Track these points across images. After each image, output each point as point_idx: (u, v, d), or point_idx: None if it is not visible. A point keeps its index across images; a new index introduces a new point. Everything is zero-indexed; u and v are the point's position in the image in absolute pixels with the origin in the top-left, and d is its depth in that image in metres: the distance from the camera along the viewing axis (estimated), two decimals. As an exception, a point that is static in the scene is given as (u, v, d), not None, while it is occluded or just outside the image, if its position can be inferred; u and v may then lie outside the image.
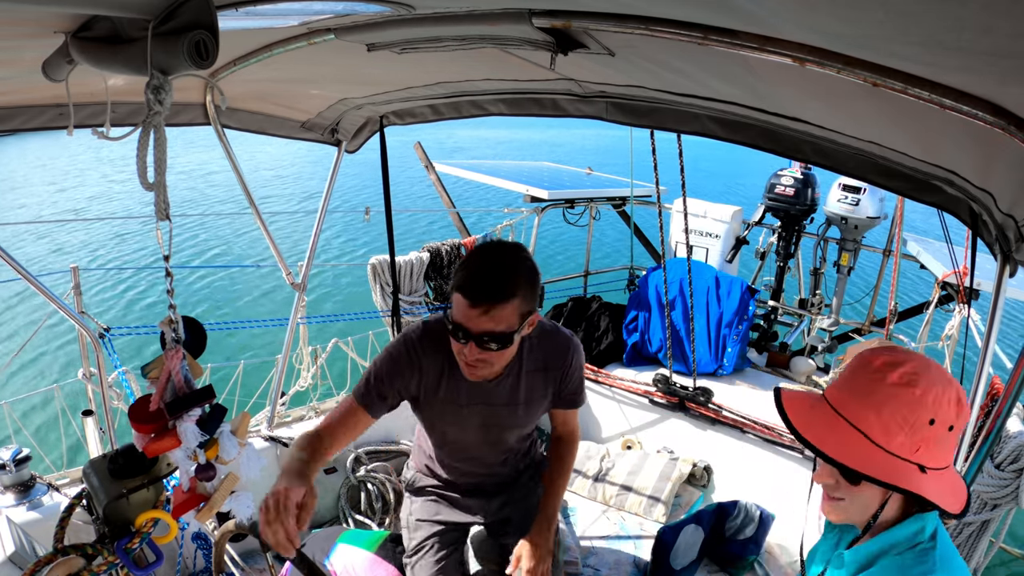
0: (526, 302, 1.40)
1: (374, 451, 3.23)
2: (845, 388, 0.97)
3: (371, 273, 3.66)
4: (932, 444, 0.91)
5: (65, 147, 23.84)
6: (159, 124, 0.76)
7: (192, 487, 0.93)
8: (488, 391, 1.61)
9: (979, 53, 0.64)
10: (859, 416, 0.93)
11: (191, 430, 0.86)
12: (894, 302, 4.29)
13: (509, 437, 1.76)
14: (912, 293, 8.05)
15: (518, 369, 1.61)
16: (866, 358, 0.96)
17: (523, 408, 1.67)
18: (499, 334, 1.37)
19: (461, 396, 1.61)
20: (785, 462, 3.06)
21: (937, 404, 0.90)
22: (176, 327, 0.89)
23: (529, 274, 1.41)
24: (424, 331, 1.57)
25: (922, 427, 0.90)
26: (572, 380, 1.69)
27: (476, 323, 1.35)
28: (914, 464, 0.91)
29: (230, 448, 0.91)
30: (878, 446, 0.91)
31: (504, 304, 1.34)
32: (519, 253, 1.42)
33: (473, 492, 1.88)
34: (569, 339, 1.67)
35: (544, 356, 1.63)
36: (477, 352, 1.39)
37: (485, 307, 1.33)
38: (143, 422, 0.87)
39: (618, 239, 10.19)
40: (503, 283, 1.35)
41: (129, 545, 1.05)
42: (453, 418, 1.66)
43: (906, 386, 0.91)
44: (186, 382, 0.88)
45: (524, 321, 1.42)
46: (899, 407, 0.90)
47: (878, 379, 0.93)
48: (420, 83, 1.91)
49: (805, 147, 1.57)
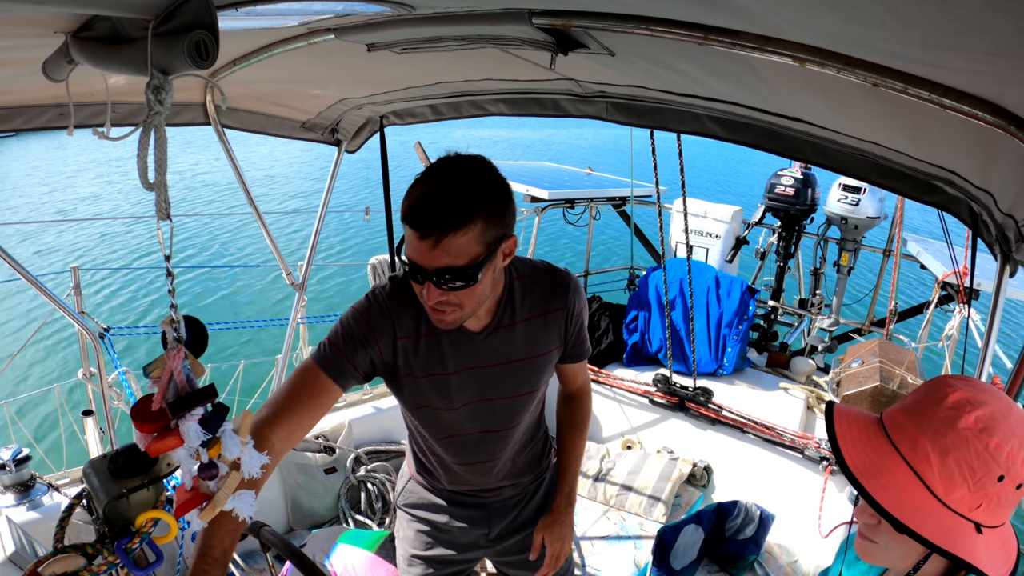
0: (492, 226, 1.11)
1: (374, 451, 3.23)
2: (907, 418, 0.84)
3: (371, 273, 3.66)
4: (995, 503, 0.79)
5: (66, 147, 23.85)
6: (159, 124, 0.76)
7: (195, 486, 0.93)
8: (477, 350, 1.31)
9: (979, 53, 0.64)
10: (919, 457, 0.80)
11: (194, 429, 0.86)
12: (894, 302, 4.29)
13: (513, 415, 1.43)
14: (912, 293, 8.05)
15: (511, 317, 1.32)
16: (940, 389, 0.83)
17: (526, 368, 1.37)
18: (459, 269, 1.10)
19: (446, 361, 1.31)
20: (785, 462, 3.06)
21: (1011, 460, 0.77)
22: (178, 327, 0.89)
23: (493, 191, 1.13)
24: (393, 287, 1.30)
25: (990, 483, 0.78)
26: (575, 325, 1.42)
27: (429, 258, 1.09)
28: (971, 522, 0.80)
29: (233, 447, 0.91)
30: (935, 496, 0.79)
31: (460, 231, 1.07)
32: (479, 166, 1.15)
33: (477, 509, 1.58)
34: (568, 276, 1.40)
35: (542, 299, 1.36)
36: (437, 294, 1.13)
37: (436, 237, 1.07)
38: (145, 422, 0.87)
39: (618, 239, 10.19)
40: (457, 206, 1.07)
41: (129, 545, 1.05)
42: (441, 395, 1.34)
43: (981, 433, 0.78)
44: (188, 381, 0.88)
45: (493, 250, 1.14)
46: (968, 457, 0.78)
47: (950, 418, 0.79)
48: (420, 83, 1.91)
49: (805, 147, 1.57)
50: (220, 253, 12.32)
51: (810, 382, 3.83)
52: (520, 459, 1.56)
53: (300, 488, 3.02)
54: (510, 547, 1.65)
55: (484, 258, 1.12)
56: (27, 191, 17.67)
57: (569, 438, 1.61)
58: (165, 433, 0.87)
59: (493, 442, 1.45)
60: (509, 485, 1.58)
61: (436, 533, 1.60)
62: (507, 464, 1.53)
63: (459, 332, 1.30)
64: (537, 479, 1.64)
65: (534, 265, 1.39)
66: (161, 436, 0.88)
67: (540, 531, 1.55)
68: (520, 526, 1.64)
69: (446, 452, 1.47)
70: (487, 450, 1.46)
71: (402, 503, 1.65)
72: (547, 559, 1.55)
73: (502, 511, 1.61)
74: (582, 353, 1.50)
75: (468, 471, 1.50)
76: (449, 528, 1.58)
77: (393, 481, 3.11)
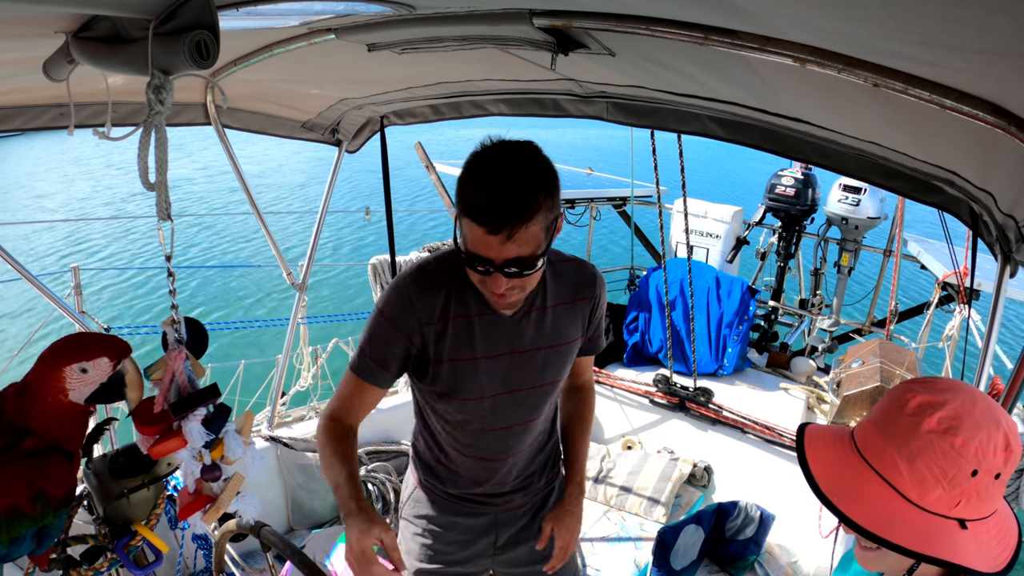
0: (550, 211, 1.14)
1: (374, 451, 3.23)
2: (875, 431, 0.85)
3: (371, 273, 3.66)
4: (975, 497, 0.79)
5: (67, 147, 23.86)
6: (160, 124, 0.76)
7: (198, 488, 0.93)
8: (510, 332, 1.33)
9: (980, 53, 0.64)
10: (889, 467, 0.81)
11: (197, 430, 0.86)
12: (894, 302, 4.29)
13: (536, 406, 1.43)
14: (912, 293, 8.05)
15: (542, 303, 1.34)
16: (901, 396, 0.84)
17: (553, 356, 1.39)
18: (528, 258, 1.13)
19: (476, 344, 1.32)
20: (785, 462, 3.06)
21: (982, 453, 0.77)
22: (179, 327, 0.89)
23: (549, 176, 1.15)
24: (419, 275, 1.31)
25: (963, 479, 0.78)
26: (598, 317, 1.45)
27: (499, 251, 1.11)
28: (953, 519, 0.79)
29: (235, 447, 0.90)
30: (911, 502, 0.80)
31: (529, 224, 1.10)
32: (533, 152, 1.16)
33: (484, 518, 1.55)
34: (595, 268, 1.44)
35: (571, 287, 1.38)
36: (505, 283, 1.15)
37: (508, 231, 1.09)
38: (148, 424, 0.87)
39: (618, 239, 10.19)
40: (524, 198, 1.09)
41: (130, 544, 1.05)
42: (469, 382, 1.34)
43: (945, 434, 0.78)
44: (190, 382, 0.88)
45: (552, 232, 1.18)
46: (936, 458, 0.78)
47: (912, 425, 0.80)
48: (421, 83, 1.91)
49: (806, 147, 1.57)
50: (220, 253, 12.32)
51: (810, 382, 3.83)
52: (533, 462, 1.54)
53: (300, 488, 3.02)
54: (518, 558, 1.61)
55: (546, 243, 1.17)
56: (28, 190, 17.68)
57: (578, 426, 1.61)
58: (168, 435, 0.87)
59: (512, 437, 1.44)
60: (519, 491, 1.54)
61: (441, 544, 1.56)
62: (520, 465, 1.51)
63: (492, 314, 1.31)
64: (547, 487, 1.61)
65: (561, 254, 1.41)
66: (164, 438, 0.88)
67: (549, 521, 1.52)
68: (528, 537, 1.59)
69: (463, 447, 1.44)
70: (505, 446, 1.44)
71: (407, 513, 1.61)
72: (556, 551, 1.53)
73: (509, 520, 1.57)
74: (598, 346, 1.52)
75: (481, 468, 1.47)
76: (455, 538, 1.55)
77: (394, 481, 3.11)
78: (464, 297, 1.30)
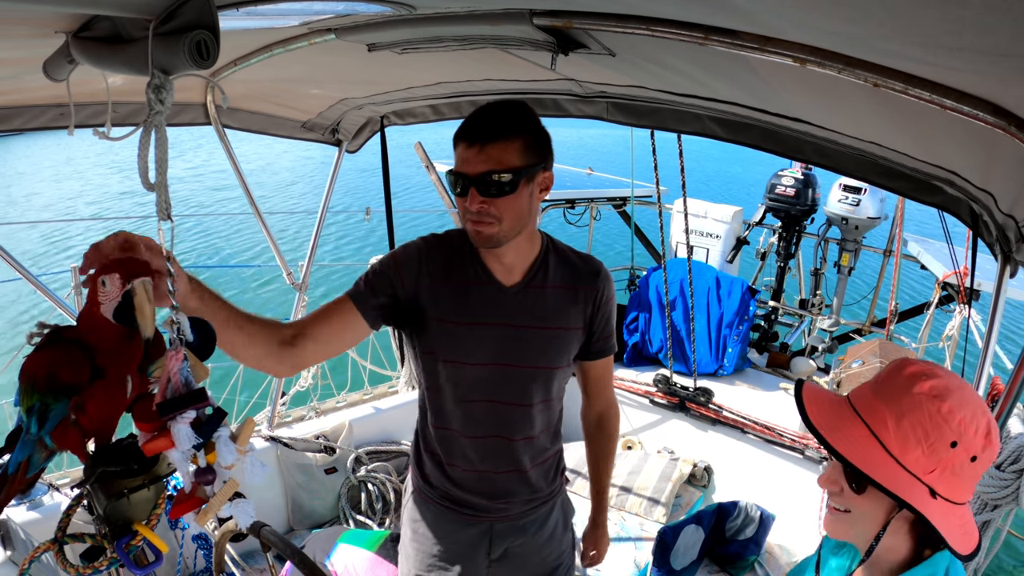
0: (532, 151, 1.24)
1: (374, 451, 3.23)
2: (870, 390, 0.91)
3: (371, 273, 3.66)
4: (949, 471, 0.83)
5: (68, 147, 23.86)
6: (160, 124, 0.76)
7: (193, 489, 0.93)
8: (505, 304, 1.37)
9: (980, 53, 0.64)
10: (877, 420, 0.86)
11: (184, 432, 0.85)
12: (895, 302, 4.29)
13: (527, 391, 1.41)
14: (913, 293, 8.05)
15: (542, 280, 1.40)
16: (900, 364, 0.89)
17: (547, 337, 1.40)
18: (501, 173, 1.21)
19: (472, 310, 1.37)
20: (785, 463, 3.06)
21: (964, 427, 0.82)
22: (178, 327, 0.89)
23: (534, 123, 1.27)
24: (436, 237, 1.43)
25: (943, 447, 0.82)
26: (603, 314, 1.46)
27: (474, 164, 1.21)
28: (925, 485, 0.83)
29: (226, 454, 0.90)
30: (891, 455, 0.84)
31: (505, 141, 1.21)
32: (524, 105, 1.30)
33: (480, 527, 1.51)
34: (601, 265, 1.48)
35: (574, 273, 1.43)
36: (479, 200, 1.23)
37: (482, 143, 1.21)
38: (143, 420, 0.87)
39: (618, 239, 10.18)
40: (503, 121, 1.23)
41: (131, 544, 1.05)
42: (461, 343, 1.37)
43: (934, 398, 0.83)
44: (186, 383, 0.87)
45: (533, 170, 1.25)
46: (921, 419, 0.83)
47: (905, 386, 0.86)
48: (421, 83, 1.91)
49: (806, 147, 1.58)
50: (220, 253, 12.33)
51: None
52: (534, 468, 1.49)
53: (300, 488, 3.02)
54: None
55: (523, 169, 1.23)
56: (29, 190, 17.69)
57: (604, 465, 1.71)
58: (161, 433, 0.87)
59: (505, 416, 1.42)
60: (517, 499, 1.50)
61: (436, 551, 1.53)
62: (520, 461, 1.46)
63: (490, 283, 1.37)
64: (547, 500, 1.57)
65: (572, 248, 1.48)
66: (155, 436, 0.88)
67: (587, 537, 1.75)
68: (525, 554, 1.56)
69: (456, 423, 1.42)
70: (498, 424, 1.42)
71: (405, 518, 1.60)
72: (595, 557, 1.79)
73: (505, 532, 1.52)
74: (607, 348, 1.52)
75: (477, 450, 1.43)
76: (450, 546, 1.52)
77: (394, 481, 3.12)
78: (469, 265, 1.37)
